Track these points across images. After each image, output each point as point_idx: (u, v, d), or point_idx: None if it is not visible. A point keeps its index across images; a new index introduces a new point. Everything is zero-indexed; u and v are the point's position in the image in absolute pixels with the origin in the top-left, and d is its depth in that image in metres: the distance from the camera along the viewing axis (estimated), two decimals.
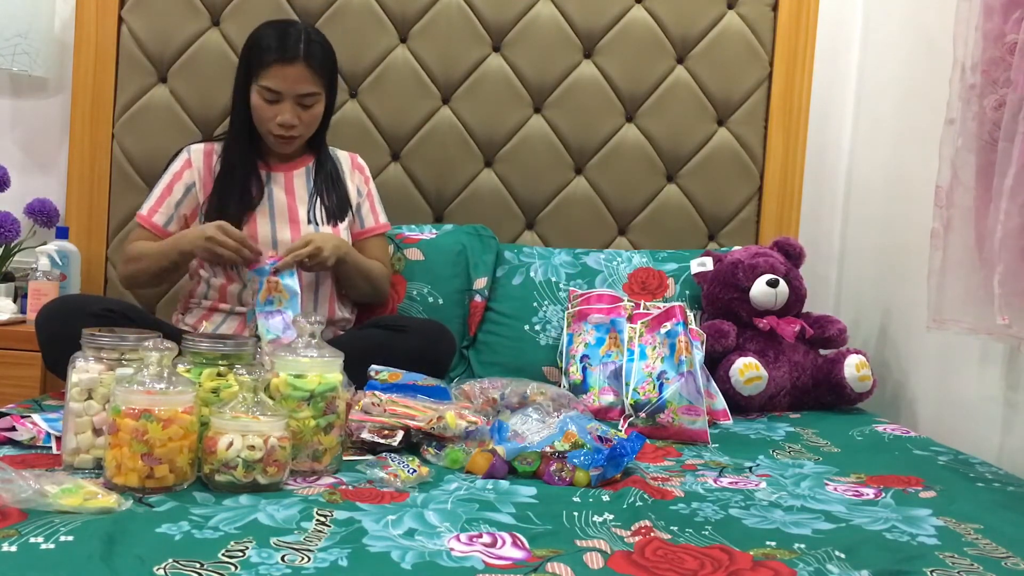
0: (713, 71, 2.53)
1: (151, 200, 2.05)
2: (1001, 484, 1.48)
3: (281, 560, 0.98)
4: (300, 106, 1.95)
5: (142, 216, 2.04)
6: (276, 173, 2.05)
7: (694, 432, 1.75)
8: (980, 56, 1.63)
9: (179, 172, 2.04)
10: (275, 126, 1.95)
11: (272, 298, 1.85)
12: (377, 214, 2.18)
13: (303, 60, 1.92)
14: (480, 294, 2.28)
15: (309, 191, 2.06)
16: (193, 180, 2.03)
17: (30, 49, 2.36)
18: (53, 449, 1.39)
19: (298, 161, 2.08)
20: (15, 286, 2.35)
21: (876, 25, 2.47)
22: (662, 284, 2.31)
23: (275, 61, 1.92)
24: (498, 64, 2.50)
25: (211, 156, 2.05)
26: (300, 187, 2.06)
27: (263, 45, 1.94)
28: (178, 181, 2.04)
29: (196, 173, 2.03)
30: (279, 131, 1.96)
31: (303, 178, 2.07)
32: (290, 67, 1.92)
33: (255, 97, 1.96)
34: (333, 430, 1.38)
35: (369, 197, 2.17)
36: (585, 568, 1.00)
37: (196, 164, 2.04)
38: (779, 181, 2.55)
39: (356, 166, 2.18)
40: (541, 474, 1.39)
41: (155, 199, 2.04)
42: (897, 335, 2.23)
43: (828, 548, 1.10)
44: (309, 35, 1.96)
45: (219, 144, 2.07)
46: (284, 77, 1.92)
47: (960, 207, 1.67)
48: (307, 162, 2.10)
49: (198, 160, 2.05)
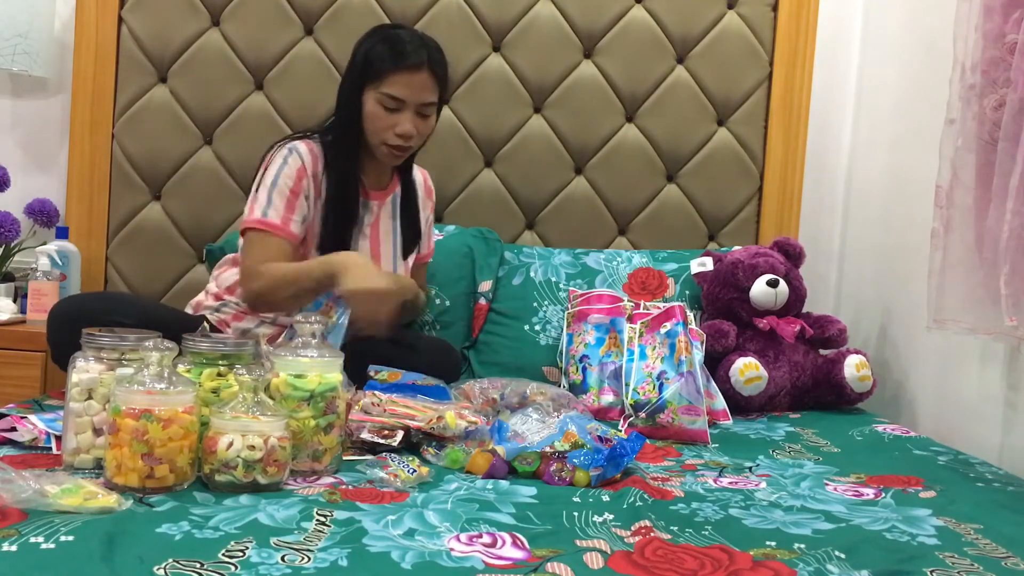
0: (713, 71, 2.53)
1: (276, 206, 1.81)
2: (1001, 484, 1.48)
3: (281, 560, 0.98)
4: (418, 115, 1.85)
5: (272, 223, 1.80)
6: (372, 202, 1.95)
7: (694, 432, 1.75)
8: (980, 56, 1.63)
9: (298, 179, 1.83)
10: (392, 136, 1.84)
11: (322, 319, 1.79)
12: (431, 239, 2.15)
13: (428, 67, 1.82)
14: (485, 297, 2.28)
15: (394, 227, 1.98)
16: (309, 190, 1.85)
17: (30, 49, 2.36)
18: (53, 449, 1.39)
19: (389, 187, 1.99)
20: (15, 286, 2.35)
21: (876, 25, 2.47)
22: (662, 284, 2.31)
23: (400, 68, 1.81)
24: (498, 64, 2.50)
25: (317, 158, 1.87)
26: (386, 217, 1.98)
27: (383, 54, 1.82)
28: (299, 189, 1.83)
29: (311, 182, 1.85)
30: (396, 141, 1.84)
31: (389, 207, 1.99)
32: (416, 74, 1.81)
33: (372, 105, 1.83)
34: (333, 430, 1.38)
35: (429, 225, 2.12)
36: (585, 568, 1.00)
37: (310, 171, 1.85)
38: (779, 181, 2.55)
39: (428, 190, 2.11)
40: (541, 474, 1.39)
41: (282, 205, 1.81)
42: (897, 335, 2.23)
43: (828, 548, 1.10)
44: (428, 41, 1.87)
45: (317, 146, 1.89)
46: (409, 84, 1.81)
47: (960, 207, 1.67)
48: (395, 187, 2.00)
49: (311, 166, 1.86)
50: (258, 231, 1.81)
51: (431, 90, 1.84)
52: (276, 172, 1.83)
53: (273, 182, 1.83)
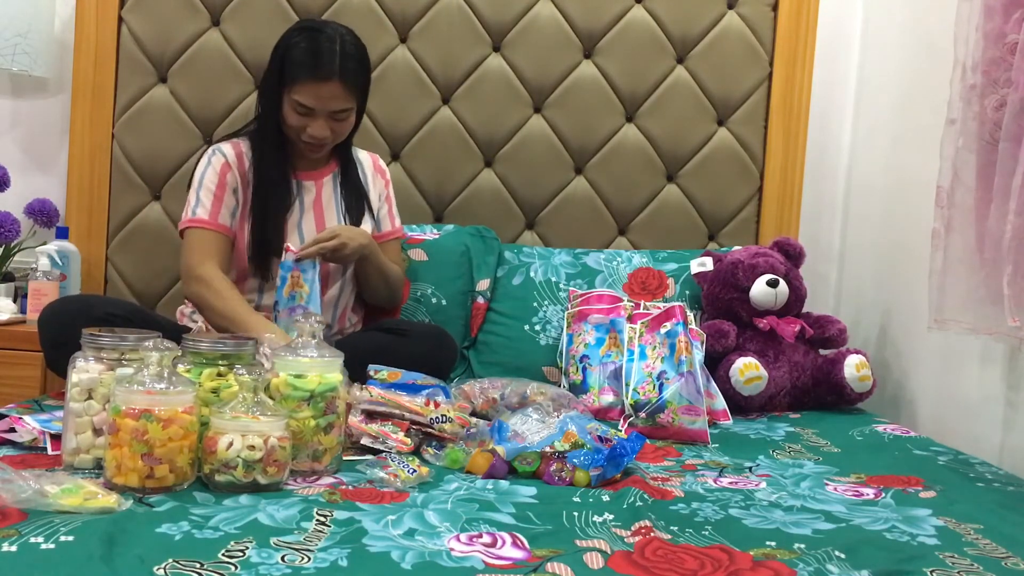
0: (713, 71, 2.53)
1: (204, 204, 1.91)
2: (1001, 484, 1.48)
3: (281, 560, 0.98)
4: (332, 119, 1.89)
5: (202, 219, 1.90)
6: (307, 182, 2.00)
7: (694, 432, 1.75)
8: (981, 56, 1.63)
9: (222, 175, 1.93)
10: (307, 135, 1.90)
11: (294, 293, 1.82)
12: (394, 218, 2.15)
13: (338, 79, 1.84)
14: (483, 296, 2.28)
15: (336, 199, 2.02)
16: (236, 184, 1.94)
17: (30, 49, 2.36)
18: (48, 450, 1.38)
19: (325, 168, 2.04)
20: (15, 286, 2.36)
21: (876, 25, 2.47)
22: (662, 284, 2.31)
23: (309, 78, 1.83)
24: (498, 64, 2.50)
25: (243, 158, 1.96)
26: (327, 195, 2.01)
27: (297, 59, 1.85)
28: (225, 184, 1.93)
29: (236, 177, 1.94)
30: (311, 140, 1.90)
31: (330, 185, 2.03)
32: (324, 86, 1.84)
33: (286, 107, 1.88)
34: (333, 430, 1.38)
35: (388, 201, 2.14)
36: (585, 568, 1.00)
37: (234, 167, 1.94)
38: (779, 181, 2.55)
39: (378, 169, 2.14)
40: (541, 474, 1.39)
41: (209, 202, 1.91)
42: (897, 335, 2.23)
43: (828, 548, 1.10)
44: (344, 48, 1.87)
45: (244, 143, 1.98)
46: (317, 95, 1.84)
47: (961, 207, 1.67)
48: (333, 168, 2.05)
49: (234, 162, 1.95)
50: (191, 229, 1.91)
51: (342, 99, 1.87)
52: (201, 173, 1.95)
53: (199, 183, 1.94)
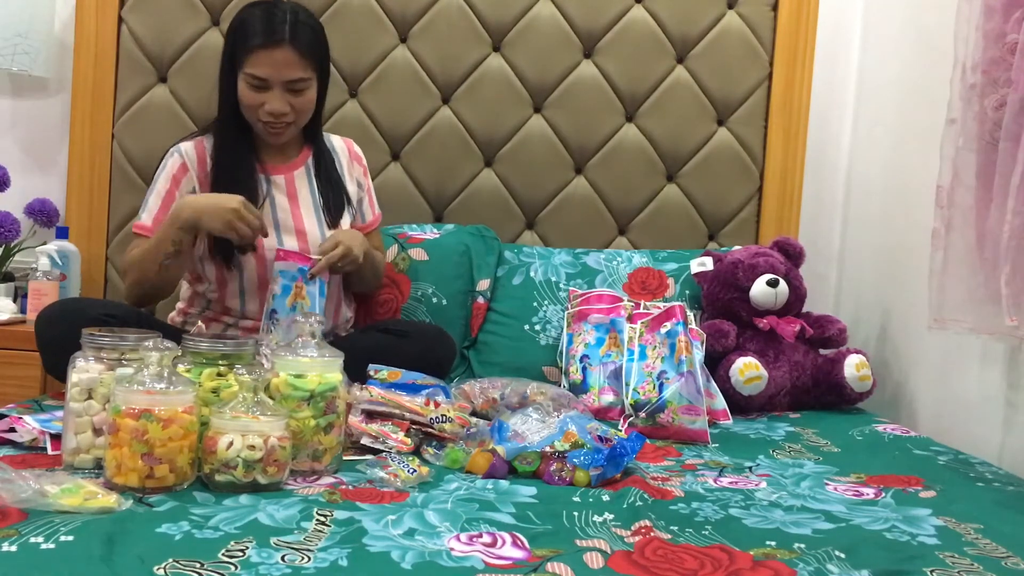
0: (713, 71, 2.53)
1: (151, 208, 1.88)
2: (1001, 484, 1.48)
3: (281, 560, 0.98)
4: (290, 92, 1.82)
5: (144, 225, 1.87)
6: (276, 176, 1.93)
7: (694, 432, 1.75)
8: (981, 56, 1.63)
9: (176, 176, 1.89)
10: (264, 114, 1.82)
11: (295, 304, 1.79)
12: (374, 206, 2.12)
13: (289, 43, 1.78)
14: (483, 295, 2.28)
15: (312, 194, 1.96)
16: (193, 185, 1.89)
17: (30, 49, 2.36)
18: (48, 450, 1.38)
19: (297, 160, 1.97)
20: (15, 286, 2.36)
21: (876, 25, 2.47)
22: (662, 284, 2.31)
23: (259, 46, 1.78)
24: (498, 64, 2.50)
25: (204, 155, 1.91)
26: (303, 189, 1.95)
27: (246, 29, 1.80)
28: (177, 186, 1.89)
29: (194, 177, 1.89)
30: (268, 119, 1.83)
31: (304, 179, 1.96)
32: (276, 51, 1.78)
33: (241, 86, 1.82)
34: (333, 430, 1.38)
35: (368, 191, 2.10)
36: (585, 568, 1.00)
37: (192, 167, 1.89)
38: (779, 181, 2.55)
39: (354, 156, 2.08)
40: (541, 474, 1.39)
41: (156, 207, 1.88)
42: (897, 335, 2.23)
43: (828, 548, 1.10)
44: (296, 15, 1.82)
45: (207, 140, 1.92)
46: (270, 63, 1.78)
47: (961, 207, 1.67)
48: (305, 158, 1.98)
49: (192, 162, 1.90)
50: (135, 235, 1.90)
51: (295, 66, 1.80)
52: (157, 175, 1.93)
53: (153, 185, 1.92)
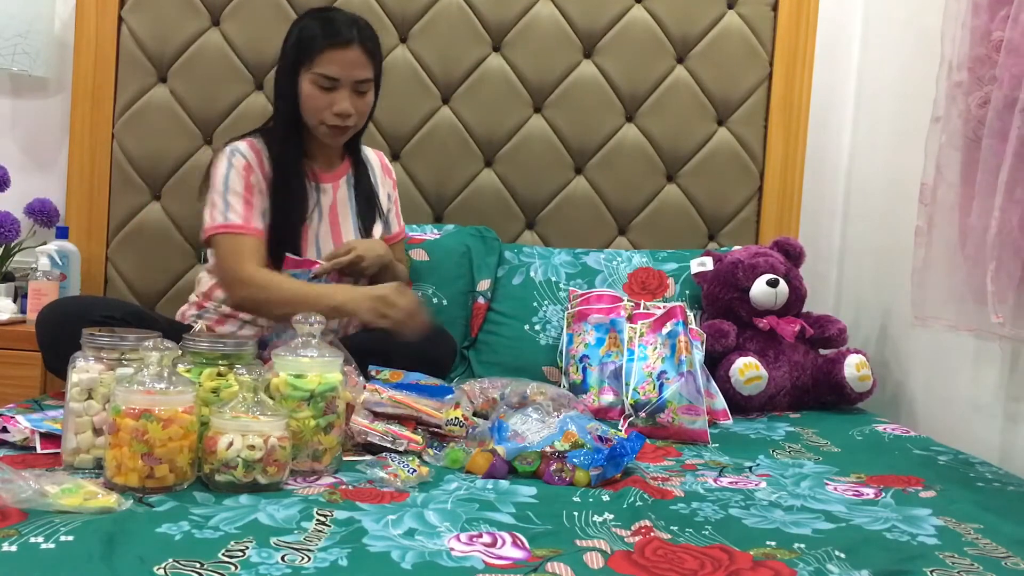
0: (713, 71, 2.53)
1: (236, 208, 1.84)
2: (1001, 484, 1.48)
3: (281, 560, 0.98)
4: (355, 93, 1.87)
5: (239, 225, 1.83)
6: (325, 184, 1.97)
7: (694, 432, 1.75)
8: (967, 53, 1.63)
9: (246, 176, 1.87)
10: (330, 116, 1.86)
11: None
12: (400, 219, 2.16)
13: (359, 43, 1.85)
14: (483, 296, 2.28)
15: (351, 205, 2.00)
16: (260, 185, 1.88)
17: (30, 49, 2.36)
18: (38, 449, 1.37)
19: (340, 169, 2.01)
20: (15, 286, 2.36)
21: (876, 25, 2.47)
22: (662, 284, 2.31)
23: (331, 45, 1.83)
24: (498, 64, 2.50)
25: (261, 157, 1.90)
26: (343, 198, 1.99)
27: (314, 33, 1.85)
28: (251, 186, 1.87)
29: (259, 178, 1.88)
30: (335, 121, 1.86)
31: (345, 188, 2.00)
32: (347, 51, 1.83)
33: (308, 87, 1.85)
34: (333, 430, 1.38)
35: (396, 203, 2.14)
36: (585, 568, 1.00)
37: (255, 168, 1.88)
38: (779, 181, 2.55)
39: (385, 169, 2.13)
40: (541, 474, 1.39)
41: (240, 206, 1.85)
42: (897, 335, 2.23)
43: (828, 548, 1.10)
44: (358, 20, 1.89)
45: (258, 142, 1.93)
46: (342, 62, 1.83)
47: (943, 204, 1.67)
48: (347, 168, 2.02)
49: (255, 163, 1.89)
50: (225, 235, 1.84)
51: (364, 66, 1.86)
52: (224, 175, 1.87)
53: (224, 185, 1.86)
